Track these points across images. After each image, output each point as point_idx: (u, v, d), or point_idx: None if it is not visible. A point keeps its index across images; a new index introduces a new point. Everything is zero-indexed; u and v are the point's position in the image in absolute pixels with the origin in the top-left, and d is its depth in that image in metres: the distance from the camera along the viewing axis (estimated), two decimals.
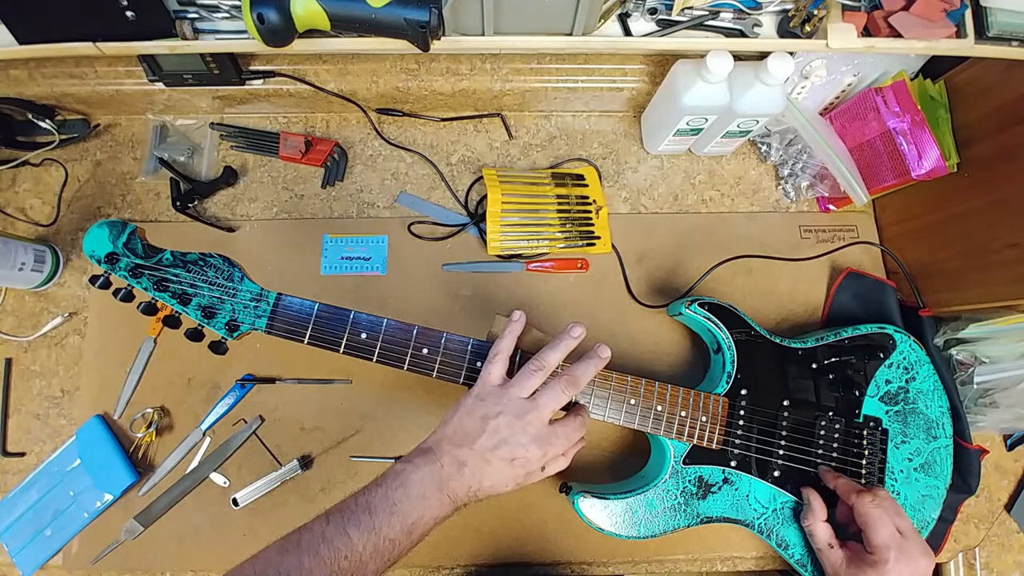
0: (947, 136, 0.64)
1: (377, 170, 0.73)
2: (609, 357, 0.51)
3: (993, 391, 0.63)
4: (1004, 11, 0.51)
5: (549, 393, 0.48)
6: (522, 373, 0.49)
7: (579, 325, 0.51)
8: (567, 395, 0.48)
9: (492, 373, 0.49)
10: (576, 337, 0.50)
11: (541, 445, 0.46)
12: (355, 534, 0.42)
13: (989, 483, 0.69)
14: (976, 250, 0.61)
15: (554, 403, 0.48)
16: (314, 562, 0.41)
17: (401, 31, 0.48)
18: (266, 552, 0.42)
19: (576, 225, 0.70)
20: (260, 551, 0.42)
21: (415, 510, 0.44)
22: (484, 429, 0.46)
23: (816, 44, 0.54)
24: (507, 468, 0.46)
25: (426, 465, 0.46)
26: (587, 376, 0.50)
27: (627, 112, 0.76)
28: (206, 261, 0.51)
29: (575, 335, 0.50)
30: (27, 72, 0.66)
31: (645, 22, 0.54)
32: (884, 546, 0.51)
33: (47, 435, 0.64)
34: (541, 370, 0.49)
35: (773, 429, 0.59)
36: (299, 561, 0.41)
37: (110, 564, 0.61)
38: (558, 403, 0.48)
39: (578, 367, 0.50)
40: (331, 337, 0.52)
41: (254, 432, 0.64)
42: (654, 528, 0.56)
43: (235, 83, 0.67)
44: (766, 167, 0.76)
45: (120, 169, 0.72)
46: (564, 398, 0.48)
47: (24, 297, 0.68)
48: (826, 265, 0.72)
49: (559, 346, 0.50)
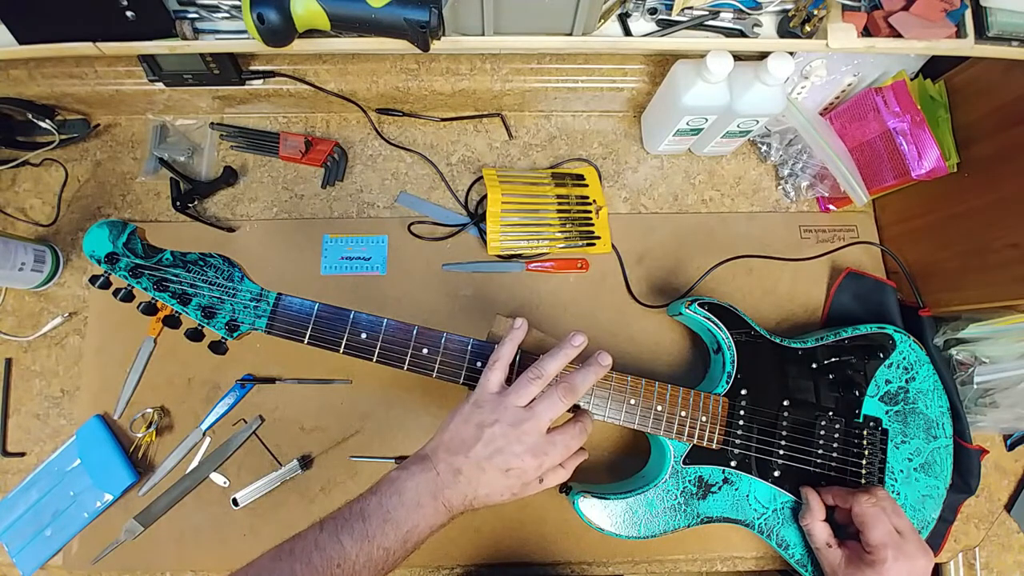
0: (947, 136, 0.64)
1: (377, 170, 0.73)
2: (610, 365, 0.50)
3: (993, 391, 0.63)
4: (1004, 11, 0.51)
5: (546, 402, 0.47)
6: (520, 381, 0.48)
7: (580, 334, 0.50)
8: (565, 404, 0.48)
9: (491, 380, 0.49)
10: (577, 346, 0.50)
11: (536, 455, 0.46)
12: (348, 542, 0.42)
13: (989, 483, 0.69)
14: (976, 250, 0.61)
15: (551, 412, 0.47)
16: (306, 570, 0.40)
17: (401, 31, 0.48)
18: (259, 560, 0.42)
19: (576, 225, 0.70)
20: (254, 559, 0.42)
21: (410, 518, 0.43)
22: (480, 437, 0.45)
23: (816, 44, 0.54)
24: (502, 478, 0.45)
25: (421, 473, 0.45)
26: (586, 384, 0.49)
27: (627, 112, 0.76)
28: (206, 261, 0.51)
29: (576, 344, 0.50)
30: (27, 72, 0.66)
31: (645, 22, 0.54)
32: (882, 545, 0.51)
33: (47, 435, 0.64)
34: (539, 378, 0.48)
35: (773, 429, 0.59)
36: (291, 569, 0.40)
37: (110, 564, 0.61)
38: (555, 412, 0.47)
39: (577, 375, 0.49)
40: (331, 337, 0.52)
41: (254, 432, 0.64)
42: (654, 528, 0.56)
43: (235, 83, 0.67)
44: (766, 167, 0.76)
45: (120, 169, 0.72)
46: (562, 407, 0.47)
47: (24, 297, 0.68)
48: (826, 265, 0.72)
49: (559, 354, 0.49)
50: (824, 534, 0.55)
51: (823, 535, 0.55)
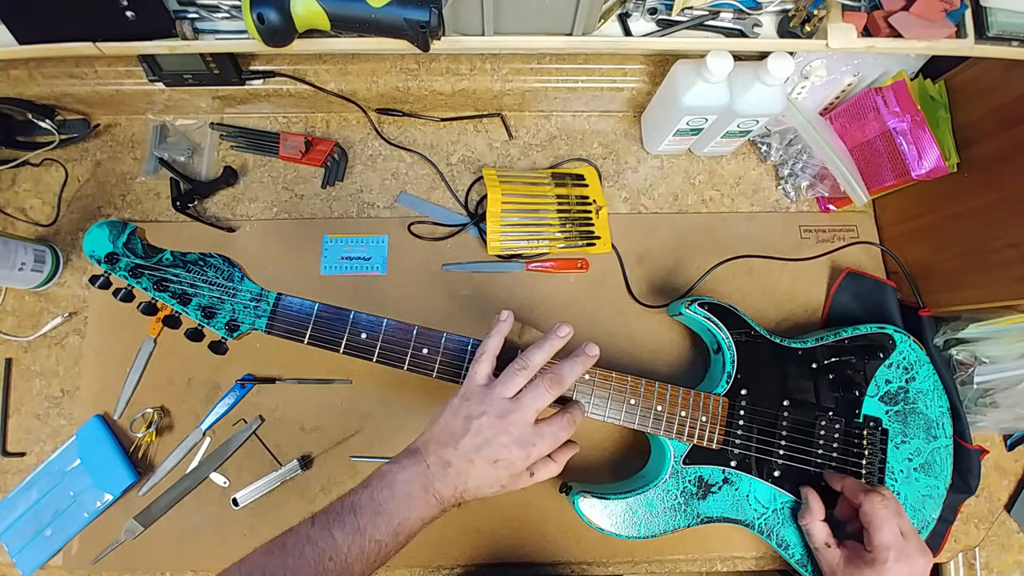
0: (947, 136, 0.64)
1: (377, 170, 0.73)
2: (597, 355, 0.51)
3: (993, 391, 0.63)
4: (1004, 11, 0.51)
5: (532, 392, 0.47)
6: (506, 372, 0.48)
7: (565, 325, 0.50)
8: (551, 394, 0.48)
9: (478, 373, 0.49)
10: (563, 336, 0.50)
11: (524, 446, 0.46)
12: (340, 535, 0.42)
13: (989, 483, 0.69)
14: (976, 250, 0.61)
15: (538, 402, 0.47)
16: (299, 564, 0.40)
17: (401, 31, 0.48)
18: (252, 555, 0.42)
19: (576, 225, 0.70)
20: (247, 555, 0.42)
21: (401, 511, 0.44)
22: (468, 429, 0.46)
23: (816, 44, 0.54)
24: (491, 469, 0.46)
25: (412, 466, 0.46)
26: (573, 374, 0.49)
27: (627, 112, 0.76)
28: (206, 261, 0.51)
29: (561, 334, 0.50)
30: (27, 72, 0.66)
31: (645, 22, 0.54)
32: (885, 546, 0.51)
33: (47, 435, 0.64)
34: (525, 369, 0.48)
35: (773, 429, 0.59)
36: (283, 563, 0.41)
37: (110, 564, 0.61)
38: (542, 402, 0.47)
39: (563, 365, 0.49)
40: (331, 337, 0.52)
41: (254, 432, 0.64)
42: (654, 528, 0.56)
43: (235, 83, 0.67)
44: (766, 167, 0.76)
45: (120, 169, 0.72)
46: (548, 397, 0.48)
47: (24, 297, 0.68)
48: (826, 265, 0.72)
49: (545, 345, 0.49)
50: (823, 534, 0.55)
51: (822, 535, 0.55)
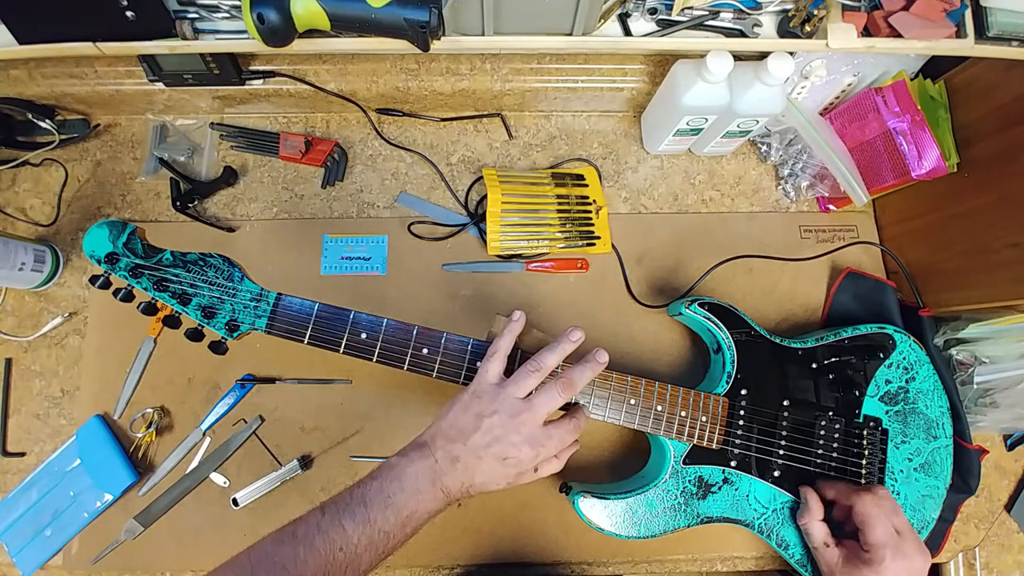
0: (947, 136, 0.64)
1: (377, 170, 0.73)
2: (607, 362, 0.51)
3: (993, 391, 0.63)
4: (1004, 11, 0.51)
5: (544, 395, 0.48)
6: (519, 373, 0.49)
7: (578, 329, 0.51)
8: (562, 398, 0.48)
9: (490, 371, 0.50)
10: (575, 341, 0.51)
11: (533, 446, 0.47)
12: (350, 526, 0.42)
13: (989, 483, 0.69)
14: (976, 250, 0.61)
15: (549, 405, 0.48)
16: (309, 553, 0.41)
17: (401, 31, 0.48)
18: (262, 543, 0.43)
19: (576, 225, 0.70)
20: (256, 543, 0.43)
21: (409, 503, 0.44)
22: (478, 426, 0.46)
23: (816, 44, 0.54)
24: (499, 466, 0.46)
25: (420, 459, 0.46)
26: (583, 380, 0.50)
27: (627, 112, 0.76)
28: (206, 261, 0.51)
29: (574, 339, 0.51)
30: (27, 72, 0.66)
31: (645, 22, 0.54)
32: (880, 545, 0.51)
33: (47, 435, 0.64)
34: (538, 371, 0.49)
35: (773, 429, 0.59)
36: (294, 551, 0.41)
37: (110, 564, 0.61)
38: (553, 405, 0.48)
39: (575, 370, 0.50)
40: (331, 337, 0.52)
41: (254, 432, 0.64)
42: (654, 528, 0.56)
43: (235, 83, 0.67)
44: (766, 167, 0.76)
45: (120, 169, 0.72)
46: (559, 400, 0.48)
47: (24, 297, 0.68)
48: (826, 265, 0.72)
49: (557, 348, 0.50)
50: (822, 533, 0.55)
51: (821, 534, 0.55)
